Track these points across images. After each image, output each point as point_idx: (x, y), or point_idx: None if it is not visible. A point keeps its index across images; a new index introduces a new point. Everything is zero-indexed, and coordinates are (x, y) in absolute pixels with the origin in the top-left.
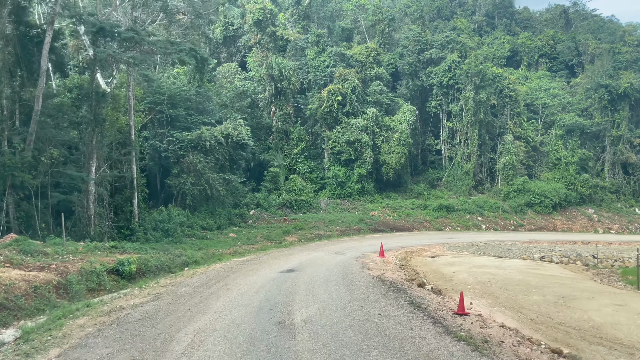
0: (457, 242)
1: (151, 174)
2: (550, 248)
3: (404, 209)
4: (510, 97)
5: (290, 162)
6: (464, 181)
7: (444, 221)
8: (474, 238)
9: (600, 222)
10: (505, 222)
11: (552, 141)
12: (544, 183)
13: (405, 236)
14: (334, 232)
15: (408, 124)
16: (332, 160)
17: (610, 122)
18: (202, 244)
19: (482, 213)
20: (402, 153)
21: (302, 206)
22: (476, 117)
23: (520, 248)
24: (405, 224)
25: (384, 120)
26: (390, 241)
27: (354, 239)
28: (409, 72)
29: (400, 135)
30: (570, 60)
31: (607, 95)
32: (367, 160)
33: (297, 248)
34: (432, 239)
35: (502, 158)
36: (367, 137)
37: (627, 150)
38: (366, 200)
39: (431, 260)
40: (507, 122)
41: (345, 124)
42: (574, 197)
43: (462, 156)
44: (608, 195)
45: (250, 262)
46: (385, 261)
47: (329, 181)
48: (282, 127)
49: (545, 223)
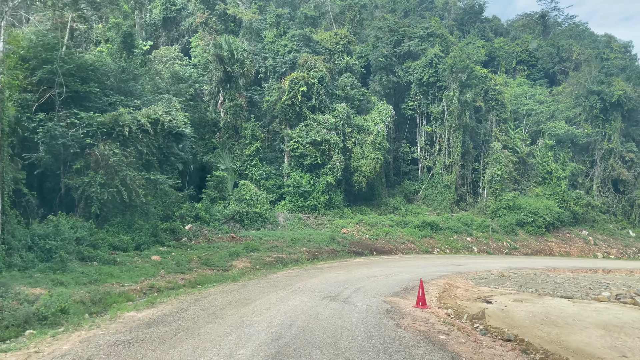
0: (471, 271)
1: (48, 171)
2: (593, 280)
3: (381, 227)
4: (497, 101)
5: (241, 166)
6: (444, 195)
7: (429, 242)
8: (482, 264)
9: (597, 246)
10: (497, 243)
11: (542, 152)
12: (534, 200)
13: (396, 261)
14: (302, 256)
15: (384, 124)
16: (294, 165)
17: (601, 133)
18: (101, 272)
19: (471, 233)
20: (377, 159)
21: (255, 220)
22: (460, 121)
23: (559, 281)
24: (386, 244)
25: (356, 119)
26: (386, 269)
27: (334, 265)
28: (383, 66)
29: (376, 137)
30: (551, 67)
31: (599, 104)
32: (336, 166)
33: (254, 284)
34: (435, 266)
35: (489, 169)
36: (337, 138)
37: (619, 166)
38: (334, 215)
39: (499, 309)
40: (493, 129)
41: (310, 121)
42: (566, 217)
43: (443, 166)
44: (600, 216)
45: (157, 328)
46: (445, 320)
47: (290, 190)
48: (232, 121)
49: (540, 246)
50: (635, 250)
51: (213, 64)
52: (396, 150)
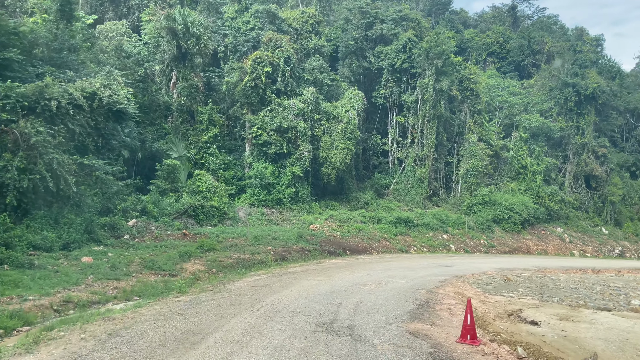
0: (466, 274)
1: None
2: (599, 282)
3: (352, 223)
4: (472, 91)
5: (196, 154)
6: (417, 190)
7: (405, 239)
8: (471, 265)
9: (572, 244)
10: (474, 241)
11: (516, 146)
12: (510, 195)
13: (378, 262)
14: (268, 256)
15: (356, 112)
16: (257, 154)
17: (575, 127)
18: (4, 280)
19: (446, 230)
20: (348, 149)
21: (211, 215)
22: (435, 111)
23: (572, 285)
24: (360, 242)
25: (325, 105)
26: (373, 274)
27: (308, 268)
28: (353, 50)
29: (347, 125)
30: (522, 60)
31: (574, 96)
32: (304, 156)
33: (207, 299)
34: (423, 268)
35: (463, 162)
36: (305, 125)
37: (592, 161)
38: (301, 210)
39: (559, 335)
40: (467, 120)
41: (275, 106)
42: (541, 213)
43: (415, 159)
44: (573, 212)
45: None
46: None
47: (252, 182)
48: (187, 104)
49: (517, 243)
50: (610, 248)
51: (165, 39)
52: (366, 141)
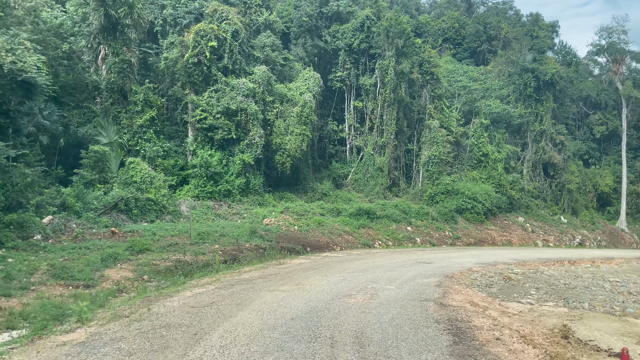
0: (453, 271)
1: None
2: (595, 276)
3: (311, 216)
4: (432, 75)
5: (130, 140)
6: (376, 180)
7: (368, 233)
8: (448, 261)
9: (535, 233)
10: (439, 233)
11: (477, 133)
12: (472, 184)
13: (348, 261)
14: (215, 257)
15: (312, 94)
16: (201, 140)
17: (533, 114)
18: None
19: (410, 221)
20: (304, 135)
21: (148, 210)
22: (396, 95)
23: (584, 283)
24: (321, 237)
25: (278, 87)
26: (351, 278)
27: (267, 273)
28: (307, 28)
29: (302, 109)
30: (478, 46)
31: (534, 82)
32: (255, 142)
33: (113, 339)
34: (403, 266)
35: (425, 150)
36: (256, 107)
37: (550, 149)
38: (253, 202)
39: None
40: (427, 106)
41: (222, 85)
42: (503, 202)
43: (375, 147)
44: (533, 201)
45: None
46: None
47: (196, 172)
48: (118, 83)
49: (482, 234)
50: (570, 237)
51: (91, 6)
52: (322, 128)
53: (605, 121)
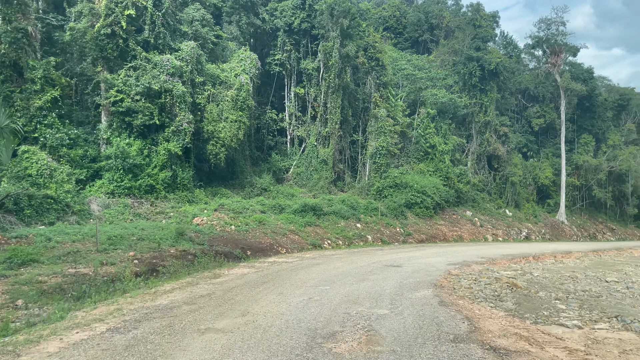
0: (435, 278)
1: None
2: (589, 276)
3: (250, 213)
4: (377, 61)
5: (26, 125)
6: (320, 173)
7: (316, 231)
8: (416, 262)
9: (483, 227)
10: (389, 229)
11: (424, 123)
12: (420, 177)
13: (304, 267)
14: (126, 269)
15: (249, 76)
16: (117, 126)
17: (478, 104)
18: None
19: (359, 217)
20: (241, 123)
21: (46, 209)
22: (341, 80)
23: (584, 286)
24: (263, 238)
25: (209, 67)
26: (319, 296)
27: (197, 293)
28: (242, 4)
29: (238, 92)
30: (420, 35)
31: (479, 71)
32: (183, 129)
33: None
34: (372, 272)
35: (372, 141)
36: (184, 89)
37: (494, 141)
38: (181, 199)
39: None
40: (373, 94)
41: (142, 62)
42: (452, 196)
43: (318, 137)
44: (478, 195)
45: None
46: None
47: (111, 164)
48: (11, 56)
49: (432, 230)
50: (517, 230)
51: None
52: (259, 117)
53: (543, 114)
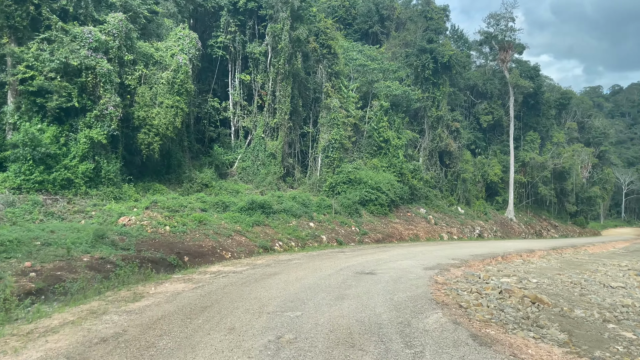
0: (425, 292)
1: None
2: (596, 281)
3: (188, 212)
4: (329, 48)
5: None
6: (269, 168)
7: (265, 231)
8: (385, 265)
9: (438, 225)
10: (344, 228)
11: (377, 117)
12: (374, 173)
13: (255, 279)
14: (7, 290)
15: (188, 57)
16: (27, 109)
17: (430, 98)
18: None
19: (311, 216)
20: (178, 109)
21: None
22: (291, 67)
23: (605, 298)
24: (203, 241)
25: (141, 45)
26: (283, 329)
27: (94, 334)
28: None
29: (175, 74)
30: (370, 27)
31: (432, 64)
32: (108, 113)
33: None
34: (348, 285)
35: (324, 133)
36: (110, 67)
37: (447, 136)
38: (106, 196)
39: None
40: (325, 84)
41: (58, 33)
42: (406, 193)
43: (266, 129)
44: (431, 192)
45: None
46: None
47: (18, 154)
48: None
49: (388, 228)
50: (470, 228)
51: None
52: (200, 106)
53: (491, 111)
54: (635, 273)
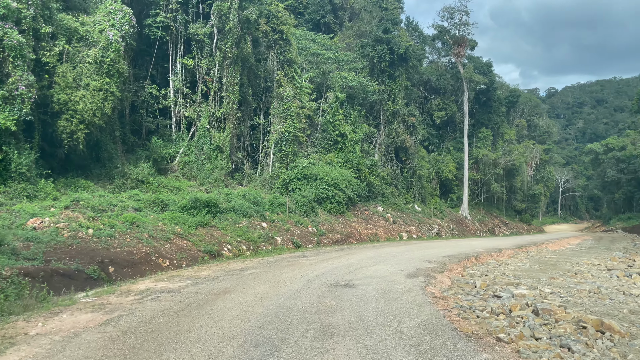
0: (424, 310)
1: None
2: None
3: (119, 212)
4: (281, 34)
5: None
6: (215, 163)
7: (211, 234)
8: (361, 273)
9: (396, 224)
10: (301, 229)
11: (333, 109)
12: (330, 168)
13: (193, 300)
14: None
15: (121, 34)
16: None
17: (387, 91)
18: None
19: (264, 215)
20: (108, 93)
21: None
22: (239, 50)
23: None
24: (136, 246)
25: (62, 17)
26: None
27: None
28: None
29: (105, 52)
30: (322, 17)
31: (389, 55)
32: (19, 95)
33: None
34: (319, 299)
35: (276, 125)
36: (22, 39)
37: (403, 131)
38: (17, 193)
39: None
40: (277, 72)
41: None
42: (363, 190)
43: (211, 120)
44: (388, 189)
45: None
46: None
47: None
48: None
49: (346, 228)
50: (429, 227)
51: None
52: (136, 94)
53: (445, 107)
54: (623, 274)
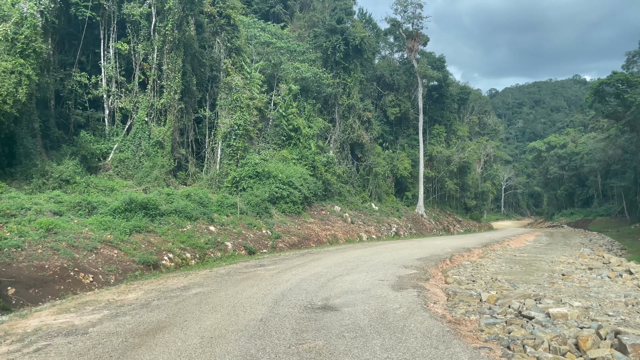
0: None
1: None
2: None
3: (32, 217)
4: (228, 19)
5: None
6: (155, 160)
7: (148, 240)
8: (337, 284)
9: (355, 224)
10: (254, 232)
11: (285, 102)
12: (284, 165)
13: (105, 349)
14: None
15: (39, 9)
16: None
17: (342, 85)
18: None
19: (211, 218)
20: (23, 76)
21: None
22: (182, 34)
23: None
24: (49, 259)
25: None
26: None
27: None
28: None
29: (17, 28)
30: (272, 6)
31: (343, 46)
32: None
33: None
34: (281, 335)
35: (224, 117)
36: None
37: (358, 127)
38: None
39: None
40: (224, 60)
41: None
42: (320, 188)
43: (150, 112)
44: (344, 187)
45: None
46: None
47: None
48: None
49: (303, 230)
50: (387, 226)
51: None
52: (62, 82)
53: (398, 103)
54: (615, 274)
